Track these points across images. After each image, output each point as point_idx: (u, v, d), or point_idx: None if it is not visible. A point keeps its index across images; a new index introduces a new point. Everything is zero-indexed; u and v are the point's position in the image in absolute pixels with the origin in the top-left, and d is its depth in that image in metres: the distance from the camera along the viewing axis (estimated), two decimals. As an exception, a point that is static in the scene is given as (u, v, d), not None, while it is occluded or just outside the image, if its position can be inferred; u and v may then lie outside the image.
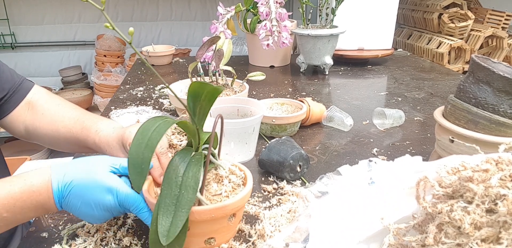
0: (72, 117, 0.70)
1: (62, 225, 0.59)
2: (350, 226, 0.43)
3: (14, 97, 0.72)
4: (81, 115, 0.70)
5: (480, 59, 0.62)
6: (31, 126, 0.72)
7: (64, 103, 0.74)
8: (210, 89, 0.46)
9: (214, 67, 0.98)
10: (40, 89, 0.76)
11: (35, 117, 0.72)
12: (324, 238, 0.43)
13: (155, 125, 0.47)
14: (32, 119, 0.72)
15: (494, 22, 2.17)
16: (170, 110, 1.07)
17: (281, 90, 1.26)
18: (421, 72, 1.48)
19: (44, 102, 0.73)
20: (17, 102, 0.72)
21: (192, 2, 2.83)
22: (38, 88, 0.76)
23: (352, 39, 1.57)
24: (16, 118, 0.72)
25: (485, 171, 0.36)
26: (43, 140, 0.72)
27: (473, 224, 0.34)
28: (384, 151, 0.82)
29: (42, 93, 0.75)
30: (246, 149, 0.77)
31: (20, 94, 0.73)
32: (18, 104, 0.72)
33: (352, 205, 0.45)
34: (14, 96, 0.72)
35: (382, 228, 0.41)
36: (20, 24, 2.69)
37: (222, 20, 1.19)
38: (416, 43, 2.28)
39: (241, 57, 1.79)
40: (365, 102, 1.14)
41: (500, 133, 0.59)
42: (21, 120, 0.72)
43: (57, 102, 0.73)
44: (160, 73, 1.51)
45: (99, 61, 2.62)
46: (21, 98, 0.72)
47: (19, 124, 0.73)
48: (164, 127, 0.46)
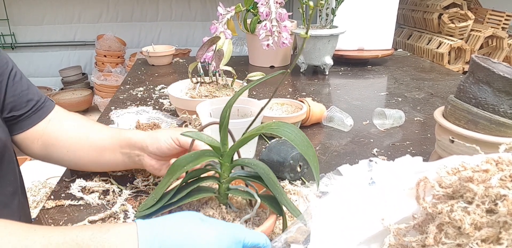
0: (101, 126, 0.69)
1: (62, 224, 0.59)
2: (351, 227, 0.43)
3: (36, 115, 0.69)
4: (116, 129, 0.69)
5: (480, 60, 0.62)
6: (49, 140, 0.68)
7: (90, 121, 0.72)
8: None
9: (214, 67, 0.98)
10: (61, 109, 0.73)
11: (56, 128, 0.69)
12: (325, 239, 0.43)
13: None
14: (52, 131, 0.68)
15: (494, 22, 2.17)
16: (170, 111, 1.07)
17: (281, 91, 1.26)
18: (421, 72, 1.48)
19: (69, 117, 0.71)
20: (37, 120, 0.69)
21: (192, 2, 2.83)
22: (59, 109, 0.73)
23: (352, 40, 1.57)
24: (32, 134, 0.68)
25: (485, 171, 0.36)
26: (63, 153, 0.68)
27: (473, 224, 0.34)
28: (384, 151, 0.82)
29: (63, 112, 0.73)
30: (246, 149, 0.77)
31: (42, 112, 0.69)
32: (39, 122, 0.69)
33: (353, 205, 0.45)
34: (36, 114, 0.69)
35: (383, 228, 0.41)
36: (20, 24, 2.69)
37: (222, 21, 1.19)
38: (416, 43, 2.28)
39: (241, 57, 1.79)
40: (365, 102, 1.14)
41: (500, 133, 0.59)
42: (38, 137, 0.69)
43: (84, 117, 0.73)
44: (160, 73, 1.51)
45: (99, 62, 2.62)
46: (43, 116, 0.69)
47: (34, 140, 0.69)
48: None
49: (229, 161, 0.50)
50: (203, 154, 0.49)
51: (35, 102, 0.69)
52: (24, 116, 0.68)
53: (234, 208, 0.52)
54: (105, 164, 0.68)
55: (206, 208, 0.51)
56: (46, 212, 0.62)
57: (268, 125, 0.48)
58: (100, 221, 0.60)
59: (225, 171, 0.50)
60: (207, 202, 0.53)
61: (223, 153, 0.49)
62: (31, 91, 0.69)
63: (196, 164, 0.48)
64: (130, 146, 0.64)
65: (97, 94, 2.58)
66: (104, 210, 0.62)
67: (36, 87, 0.72)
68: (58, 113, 0.71)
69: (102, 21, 2.73)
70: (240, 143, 0.48)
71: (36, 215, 0.62)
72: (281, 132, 0.46)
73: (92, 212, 0.62)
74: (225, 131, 0.49)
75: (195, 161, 0.48)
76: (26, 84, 0.69)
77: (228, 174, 0.50)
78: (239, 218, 0.51)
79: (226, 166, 0.50)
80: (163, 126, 0.92)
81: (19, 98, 0.67)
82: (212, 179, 0.52)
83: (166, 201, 0.48)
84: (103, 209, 0.62)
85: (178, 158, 0.49)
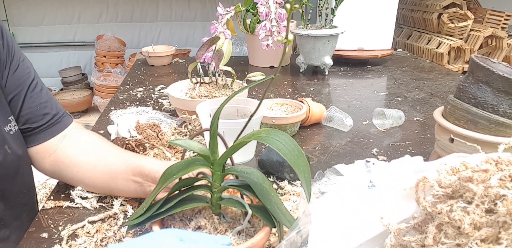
0: (117, 149, 0.66)
1: (62, 225, 0.59)
2: (350, 228, 0.43)
3: (50, 129, 0.66)
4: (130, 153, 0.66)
5: (479, 59, 0.62)
6: (62, 155, 0.65)
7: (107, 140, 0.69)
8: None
9: (214, 67, 0.98)
10: (78, 126, 0.71)
11: (70, 144, 0.66)
12: (324, 240, 0.43)
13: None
14: (65, 148, 0.66)
15: (494, 22, 2.17)
16: (170, 111, 1.07)
17: (281, 91, 1.26)
18: (420, 72, 1.48)
19: (84, 133, 0.69)
20: (51, 135, 0.66)
21: (192, 2, 2.83)
22: (76, 125, 0.71)
23: (351, 40, 1.57)
24: (45, 149, 0.66)
25: (484, 171, 0.36)
26: (76, 168, 0.65)
27: (472, 224, 0.34)
28: (384, 151, 0.82)
29: (80, 129, 0.70)
30: (246, 149, 0.77)
31: (57, 127, 0.67)
32: (52, 137, 0.66)
33: (352, 207, 0.45)
34: (50, 128, 0.66)
35: (383, 230, 0.41)
36: (20, 25, 2.69)
37: (221, 21, 1.19)
38: (415, 43, 2.28)
39: (241, 57, 1.79)
40: (365, 102, 1.14)
41: (500, 133, 0.59)
42: (50, 152, 0.66)
43: (99, 136, 0.69)
44: (159, 73, 1.51)
45: (99, 62, 2.62)
46: (57, 131, 0.67)
47: (46, 155, 0.66)
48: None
49: (220, 170, 0.47)
50: (193, 162, 0.47)
51: (52, 117, 0.66)
52: (38, 130, 0.65)
53: (228, 219, 0.50)
54: (116, 190, 0.64)
55: (198, 218, 0.50)
56: (46, 213, 0.62)
57: (258, 133, 0.46)
58: (100, 221, 0.60)
59: (216, 180, 0.48)
60: (200, 211, 0.51)
61: (214, 161, 0.47)
62: (50, 104, 0.67)
63: (186, 172, 0.46)
64: (143, 176, 0.60)
65: (97, 94, 2.58)
66: (103, 211, 0.62)
67: (56, 101, 0.69)
68: (74, 130, 0.69)
69: (102, 22, 2.73)
70: (231, 151, 0.46)
71: (35, 216, 0.62)
72: (270, 140, 0.44)
73: (92, 212, 0.62)
74: (215, 138, 0.47)
75: (185, 169, 0.46)
76: (45, 96, 0.67)
77: (219, 183, 0.48)
78: (232, 229, 0.48)
79: (217, 174, 0.47)
80: (163, 126, 0.92)
81: (36, 110, 0.65)
82: (205, 188, 0.50)
83: (155, 209, 0.46)
84: (103, 210, 0.62)
85: (169, 166, 0.47)
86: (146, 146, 0.79)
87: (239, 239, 0.47)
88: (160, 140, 0.83)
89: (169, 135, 0.89)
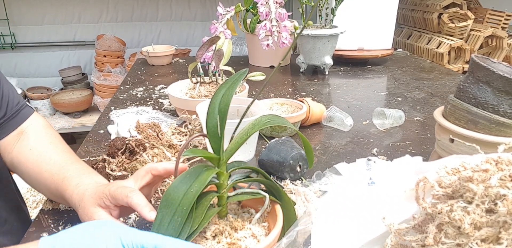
0: (58, 163, 0.59)
1: (62, 225, 0.59)
2: (352, 229, 0.43)
3: (8, 124, 0.64)
4: (68, 163, 0.59)
5: (479, 59, 0.62)
6: (16, 159, 0.63)
7: (57, 143, 0.64)
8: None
9: (214, 67, 0.98)
10: (37, 120, 0.68)
11: (22, 152, 0.63)
12: (326, 241, 0.43)
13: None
14: (18, 153, 0.63)
15: (494, 22, 2.17)
16: (170, 111, 1.07)
17: (281, 90, 1.26)
18: (421, 72, 1.48)
19: (35, 136, 0.64)
20: (9, 130, 0.64)
21: (192, 2, 2.83)
22: (35, 118, 0.68)
23: (352, 39, 1.57)
24: (4, 147, 0.64)
25: (485, 171, 0.36)
26: (25, 178, 0.63)
27: (473, 224, 0.34)
28: (384, 151, 0.82)
29: (37, 126, 0.66)
30: (246, 149, 0.77)
31: (15, 121, 0.65)
32: (10, 132, 0.64)
33: (353, 207, 0.45)
34: (8, 123, 0.64)
35: (384, 231, 0.41)
36: (20, 24, 2.69)
37: (221, 20, 1.19)
38: (416, 43, 2.28)
39: (241, 57, 1.79)
40: (365, 102, 1.14)
41: (500, 133, 0.59)
42: (9, 150, 0.64)
43: (50, 141, 0.64)
44: (159, 73, 1.51)
45: (99, 62, 2.62)
46: (15, 126, 0.65)
47: (6, 153, 0.65)
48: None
49: (226, 169, 0.46)
50: (201, 171, 0.43)
51: (8, 110, 0.64)
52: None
53: (240, 213, 0.50)
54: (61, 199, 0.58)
55: (211, 225, 0.46)
56: (45, 214, 0.62)
57: (259, 120, 0.47)
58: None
59: (224, 180, 0.46)
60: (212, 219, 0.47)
61: (220, 162, 0.45)
62: (5, 99, 0.64)
63: (202, 185, 0.41)
64: (65, 201, 0.56)
65: (97, 94, 2.58)
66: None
67: (15, 93, 0.66)
68: (30, 127, 0.65)
69: (102, 21, 2.73)
70: (236, 146, 0.45)
71: (36, 216, 0.62)
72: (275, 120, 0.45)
73: (92, 212, 0.62)
74: (221, 139, 0.45)
75: (198, 182, 0.41)
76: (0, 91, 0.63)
77: (226, 183, 0.47)
78: (249, 220, 0.47)
79: (224, 174, 0.46)
80: (163, 126, 0.92)
81: None
82: (211, 194, 0.46)
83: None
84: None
85: (168, 189, 0.41)
86: (146, 146, 0.79)
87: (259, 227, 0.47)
88: (160, 140, 0.83)
89: (169, 134, 0.88)
